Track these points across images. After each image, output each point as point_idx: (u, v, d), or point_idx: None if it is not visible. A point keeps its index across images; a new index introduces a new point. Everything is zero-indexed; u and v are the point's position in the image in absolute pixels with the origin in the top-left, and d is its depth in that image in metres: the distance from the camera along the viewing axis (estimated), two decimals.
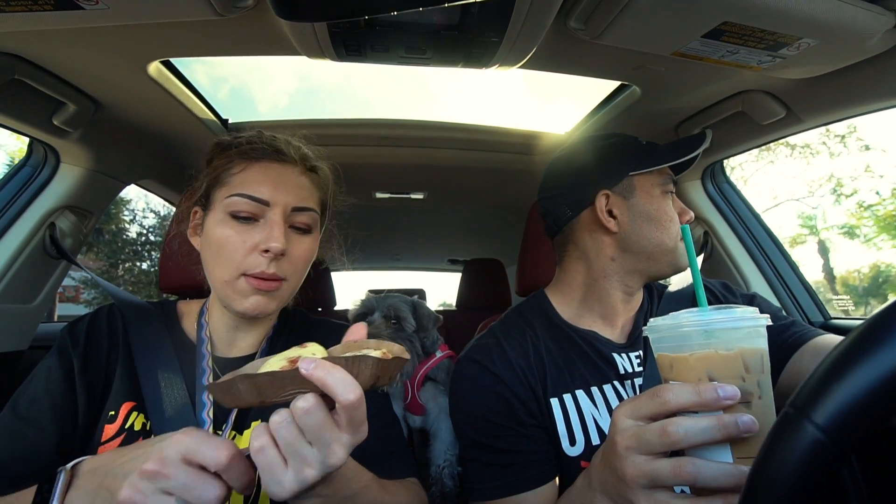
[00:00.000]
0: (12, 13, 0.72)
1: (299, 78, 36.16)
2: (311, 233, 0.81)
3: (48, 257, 1.26)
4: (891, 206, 10.56)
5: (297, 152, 0.81)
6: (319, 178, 0.85)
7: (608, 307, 0.91)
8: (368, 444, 0.79)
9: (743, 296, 0.95)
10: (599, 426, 0.81)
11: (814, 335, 0.81)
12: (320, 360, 0.45)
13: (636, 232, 0.86)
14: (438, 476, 1.28)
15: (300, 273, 0.81)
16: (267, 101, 26.28)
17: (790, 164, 13.68)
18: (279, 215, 0.75)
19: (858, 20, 0.76)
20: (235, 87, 26.59)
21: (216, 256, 0.75)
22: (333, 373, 0.45)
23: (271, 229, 0.73)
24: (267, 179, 0.76)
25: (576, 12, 0.82)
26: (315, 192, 0.84)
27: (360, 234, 0.98)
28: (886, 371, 0.27)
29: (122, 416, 0.72)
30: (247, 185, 0.75)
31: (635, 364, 0.86)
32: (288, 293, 0.80)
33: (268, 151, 0.79)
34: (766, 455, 0.30)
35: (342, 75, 60.72)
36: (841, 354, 0.29)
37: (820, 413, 0.28)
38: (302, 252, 0.79)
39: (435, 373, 1.39)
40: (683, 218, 0.90)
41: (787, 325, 0.85)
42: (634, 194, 0.87)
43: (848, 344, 0.30)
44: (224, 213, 0.75)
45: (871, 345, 0.28)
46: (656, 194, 0.88)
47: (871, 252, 11.50)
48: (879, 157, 15.09)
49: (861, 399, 0.27)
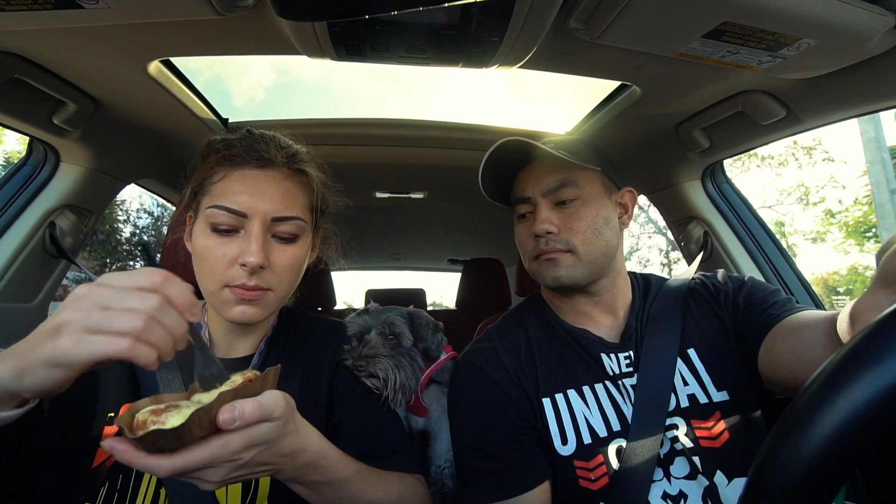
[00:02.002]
0: (12, 12, 0.72)
1: (299, 77, 36.14)
2: (297, 240, 0.78)
3: (48, 256, 1.25)
4: (858, 213, 11.04)
5: (281, 154, 0.78)
6: (307, 180, 0.82)
7: (589, 302, 0.93)
8: (371, 444, 0.79)
9: (734, 279, 0.93)
10: (591, 425, 0.82)
11: (785, 315, 0.79)
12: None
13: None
14: (439, 476, 1.28)
15: (288, 281, 0.78)
16: (267, 101, 26.27)
17: (761, 174, 14.32)
18: (258, 227, 0.72)
19: (859, 20, 0.76)
20: (236, 86, 26.51)
21: (201, 266, 0.74)
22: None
23: (248, 243, 0.70)
24: (245, 189, 0.73)
25: (576, 12, 0.82)
26: (302, 196, 0.80)
27: (355, 234, 0.97)
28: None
29: None
30: (225, 195, 0.73)
31: (623, 365, 0.87)
32: (277, 301, 0.78)
33: (247, 158, 0.75)
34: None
35: (343, 74, 60.63)
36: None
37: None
38: (286, 261, 0.76)
39: (439, 374, 1.39)
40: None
41: (766, 306, 0.83)
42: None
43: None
44: (205, 223, 0.73)
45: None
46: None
47: (840, 256, 12.03)
48: (842, 168, 16.46)
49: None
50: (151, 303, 0.47)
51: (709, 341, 0.86)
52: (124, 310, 0.46)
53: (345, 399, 0.84)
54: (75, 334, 0.44)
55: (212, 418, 0.46)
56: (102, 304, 0.46)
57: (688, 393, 0.82)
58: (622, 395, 0.84)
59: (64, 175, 1.25)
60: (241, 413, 0.46)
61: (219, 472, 0.48)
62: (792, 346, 0.72)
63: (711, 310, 0.90)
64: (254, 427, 0.48)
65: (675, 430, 0.80)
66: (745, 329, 0.83)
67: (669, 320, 0.89)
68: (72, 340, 0.44)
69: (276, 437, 0.51)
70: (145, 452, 0.45)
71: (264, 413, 0.48)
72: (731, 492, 0.75)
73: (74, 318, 0.45)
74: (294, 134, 0.87)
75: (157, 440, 0.45)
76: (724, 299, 0.89)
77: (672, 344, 0.85)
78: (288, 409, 0.52)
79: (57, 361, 0.44)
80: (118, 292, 0.46)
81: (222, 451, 0.46)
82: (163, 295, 0.48)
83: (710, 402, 0.81)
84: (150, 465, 0.45)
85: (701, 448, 0.78)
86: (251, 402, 0.48)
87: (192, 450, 0.46)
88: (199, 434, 0.46)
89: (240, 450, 0.48)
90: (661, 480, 0.78)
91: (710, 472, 0.77)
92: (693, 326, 0.88)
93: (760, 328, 0.80)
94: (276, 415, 0.50)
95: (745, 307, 0.85)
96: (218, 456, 0.46)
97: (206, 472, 0.48)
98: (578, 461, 0.80)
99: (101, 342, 0.44)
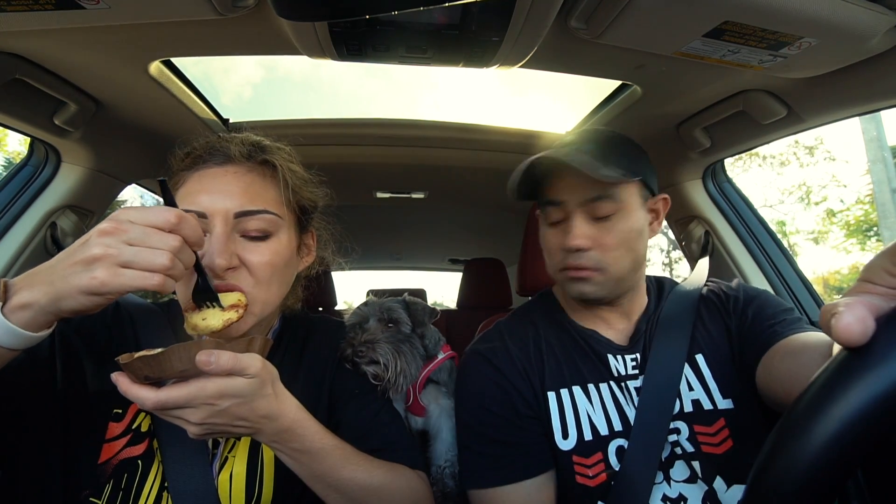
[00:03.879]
0: (13, 13, 0.72)
1: (300, 77, 36.07)
2: (271, 237, 0.74)
3: (49, 257, 1.26)
4: (859, 212, 11.08)
5: (243, 149, 0.74)
6: (276, 171, 0.77)
7: (608, 310, 0.92)
8: (371, 443, 0.79)
9: (747, 290, 0.91)
10: (593, 422, 0.82)
11: (790, 333, 0.77)
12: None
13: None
14: (439, 476, 1.28)
15: (271, 283, 0.73)
16: (267, 101, 26.23)
17: (762, 174, 14.38)
18: (220, 226, 0.68)
19: (859, 20, 0.76)
20: (236, 86, 26.49)
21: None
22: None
23: (210, 244, 0.67)
24: (203, 188, 0.71)
25: (577, 12, 0.82)
26: (270, 189, 0.75)
27: (354, 233, 0.97)
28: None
29: (130, 417, 0.72)
30: (184, 199, 0.71)
31: (629, 367, 0.87)
32: (261, 306, 0.73)
33: (206, 158, 0.73)
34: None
35: (341, 74, 60.54)
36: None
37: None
38: (260, 260, 0.71)
39: (437, 374, 1.39)
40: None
41: (774, 322, 0.81)
42: None
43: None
44: None
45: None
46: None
47: (841, 255, 12.08)
48: (843, 167, 16.62)
49: None
50: (173, 243, 0.53)
51: (717, 348, 0.86)
52: (151, 248, 0.52)
53: (345, 400, 0.85)
54: (111, 268, 0.50)
55: (191, 356, 0.52)
56: (129, 240, 0.51)
57: (692, 398, 0.82)
58: (626, 397, 0.84)
59: (65, 175, 1.26)
60: (216, 359, 0.52)
61: (198, 413, 0.54)
62: (789, 365, 0.71)
63: (721, 317, 0.89)
64: (228, 378, 0.54)
65: (678, 435, 0.80)
66: (748, 341, 0.83)
67: (680, 325, 0.88)
68: (109, 273, 0.50)
69: (251, 393, 0.56)
70: (138, 383, 0.53)
71: (238, 366, 0.54)
72: (730, 497, 0.75)
73: (108, 253, 0.50)
74: (295, 134, 0.87)
75: (143, 367, 0.52)
76: (734, 308, 0.89)
77: (680, 349, 0.85)
78: (265, 373, 0.58)
79: (96, 290, 0.50)
80: (142, 230, 0.52)
81: (199, 393, 0.52)
82: (179, 233, 0.54)
83: (715, 409, 0.81)
84: (139, 395, 0.52)
85: (702, 453, 0.78)
86: (228, 353, 0.53)
87: (173, 387, 0.53)
88: (179, 367, 0.52)
89: (215, 395, 0.53)
90: (661, 483, 0.78)
91: (709, 478, 0.77)
92: (703, 333, 0.88)
93: (762, 343, 0.79)
94: (250, 372, 0.55)
95: (753, 320, 0.84)
96: (195, 396, 0.52)
97: (186, 411, 0.54)
98: (577, 457, 0.81)
99: (136, 276, 0.51)
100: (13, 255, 1.17)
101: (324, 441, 0.66)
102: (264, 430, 0.60)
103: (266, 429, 0.60)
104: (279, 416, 0.60)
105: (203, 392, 0.53)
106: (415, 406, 1.39)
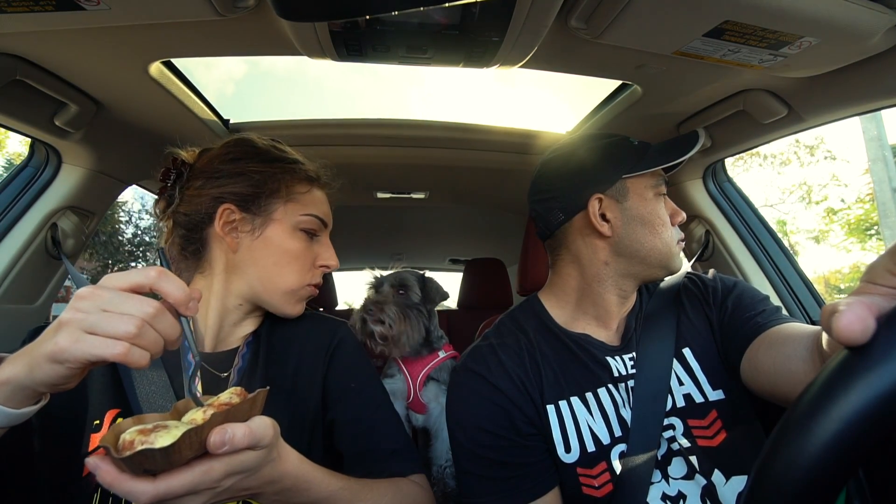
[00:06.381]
0: (14, 14, 0.72)
1: (300, 76, 36.13)
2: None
3: (50, 258, 1.26)
4: (860, 211, 11.08)
5: (323, 176, 0.92)
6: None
7: (602, 310, 0.90)
8: (369, 444, 0.79)
9: (724, 280, 0.92)
10: (594, 432, 0.81)
11: (771, 324, 0.77)
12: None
13: (630, 236, 0.85)
14: (440, 476, 1.29)
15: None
16: (267, 101, 26.26)
17: (763, 173, 14.43)
18: (326, 235, 0.90)
19: (860, 19, 0.76)
20: (236, 86, 26.52)
21: (288, 264, 0.82)
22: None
23: (328, 249, 0.89)
24: (324, 203, 0.90)
25: (577, 11, 0.82)
26: None
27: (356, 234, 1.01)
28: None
29: (108, 424, 0.71)
30: (314, 205, 0.87)
31: (629, 366, 0.86)
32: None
33: (313, 178, 0.89)
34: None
35: (341, 74, 60.71)
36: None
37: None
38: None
39: (437, 373, 1.39)
40: (675, 219, 0.89)
41: (754, 314, 0.81)
42: (628, 197, 0.86)
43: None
44: (295, 227, 0.83)
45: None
46: (649, 197, 0.86)
47: (842, 254, 12.13)
48: (844, 166, 17.30)
49: None
50: (146, 309, 0.49)
51: (702, 340, 0.86)
52: (121, 314, 0.48)
53: (340, 394, 0.83)
54: (74, 333, 0.47)
55: (202, 439, 0.46)
56: (101, 306, 0.48)
57: (683, 392, 0.82)
58: (622, 399, 0.83)
59: (66, 177, 1.26)
60: (231, 437, 0.46)
61: (200, 499, 0.48)
62: (773, 357, 0.71)
63: (702, 308, 0.89)
64: (239, 454, 0.48)
65: (672, 431, 0.80)
66: (731, 334, 0.82)
67: (665, 320, 0.88)
68: (70, 339, 0.46)
69: (259, 464, 0.51)
70: (130, 474, 0.44)
71: (253, 440, 0.49)
72: (729, 490, 0.75)
73: (74, 318, 0.47)
74: (296, 134, 0.87)
75: (144, 461, 0.44)
76: (713, 299, 0.88)
77: (668, 344, 0.85)
78: (274, 438, 0.53)
79: (56, 358, 0.47)
80: (117, 295, 0.49)
81: (204, 478, 0.46)
82: (158, 305, 0.50)
83: (706, 402, 0.80)
84: (133, 489, 0.44)
85: (698, 447, 0.78)
86: (242, 428, 0.48)
87: (174, 475, 0.45)
88: (189, 455, 0.45)
89: (221, 477, 0.48)
90: (660, 482, 0.78)
91: (707, 472, 0.76)
92: (687, 325, 0.88)
93: (745, 336, 0.78)
94: (264, 443, 0.50)
95: (733, 311, 0.84)
96: (200, 482, 0.46)
97: (186, 499, 0.47)
98: (582, 468, 0.79)
99: (97, 343, 0.47)
100: (14, 256, 1.17)
101: (330, 487, 0.63)
102: (266, 492, 0.56)
103: (268, 491, 0.56)
104: (282, 477, 0.56)
105: (208, 476, 0.47)
106: (415, 403, 1.39)
